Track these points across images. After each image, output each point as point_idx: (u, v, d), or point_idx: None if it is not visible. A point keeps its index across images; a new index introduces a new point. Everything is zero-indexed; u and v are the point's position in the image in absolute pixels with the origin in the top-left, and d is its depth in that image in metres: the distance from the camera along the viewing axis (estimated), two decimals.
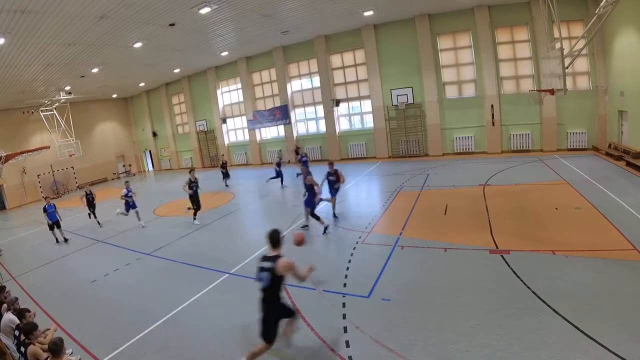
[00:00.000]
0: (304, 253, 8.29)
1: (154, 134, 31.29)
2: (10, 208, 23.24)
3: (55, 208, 12.39)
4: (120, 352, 5.39)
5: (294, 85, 22.74)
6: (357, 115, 21.55)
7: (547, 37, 11.43)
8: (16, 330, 4.96)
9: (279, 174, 16.40)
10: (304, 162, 15.26)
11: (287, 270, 4.25)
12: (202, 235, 10.99)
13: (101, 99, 28.84)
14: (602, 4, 8.80)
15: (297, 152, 18.95)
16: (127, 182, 13.73)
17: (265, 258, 4.41)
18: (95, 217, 14.28)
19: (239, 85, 24.71)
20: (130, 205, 12.86)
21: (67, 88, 21.01)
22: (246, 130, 25.35)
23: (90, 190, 14.41)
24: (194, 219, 12.09)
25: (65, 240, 12.37)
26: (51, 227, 12.34)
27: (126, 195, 12.82)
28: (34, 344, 4.53)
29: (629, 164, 12.29)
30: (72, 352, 5.49)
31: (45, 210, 12.24)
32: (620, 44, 13.24)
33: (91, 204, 14.25)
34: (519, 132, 17.04)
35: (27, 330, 4.60)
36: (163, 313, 6.35)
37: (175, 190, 20.36)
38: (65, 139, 23.94)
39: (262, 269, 4.37)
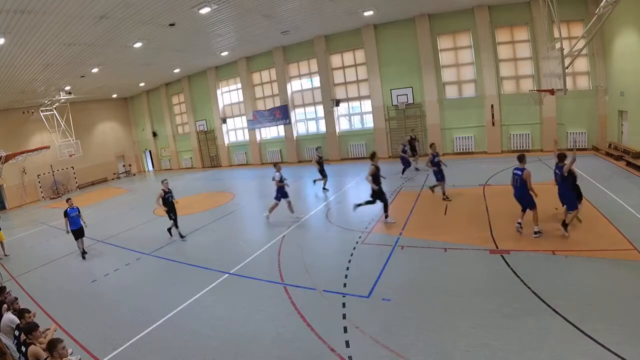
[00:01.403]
0: (304, 253, 8.32)
1: (154, 134, 31.29)
2: (10, 208, 23.25)
3: (79, 212, 10.28)
4: (120, 352, 5.39)
5: (294, 85, 22.73)
6: (357, 115, 21.56)
7: (547, 37, 11.43)
8: (16, 330, 4.96)
9: (406, 163, 14.81)
10: (435, 164, 11.01)
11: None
12: (202, 235, 10.98)
13: (101, 99, 28.84)
14: (602, 4, 8.80)
15: (411, 142, 15.63)
16: (277, 164, 11.12)
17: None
18: (176, 226, 10.66)
19: (239, 85, 24.71)
20: (282, 193, 10.77)
21: (67, 88, 21.01)
22: (246, 130, 25.35)
23: (169, 188, 10.55)
24: (386, 217, 9.54)
25: (84, 254, 10.32)
26: (76, 236, 10.25)
27: (280, 180, 10.64)
28: (35, 344, 4.53)
29: (629, 164, 12.28)
30: (72, 352, 5.49)
31: (66, 214, 10.08)
32: (620, 44, 13.24)
33: (172, 208, 10.43)
34: (519, 132, 17.04)
35: (27, 330, 4.60)
36: (163, 313, 6.35)
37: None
38: (65, 139, 23.92)
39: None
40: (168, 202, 10.39)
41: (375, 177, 9.18)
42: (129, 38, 14.18)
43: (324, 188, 14.28)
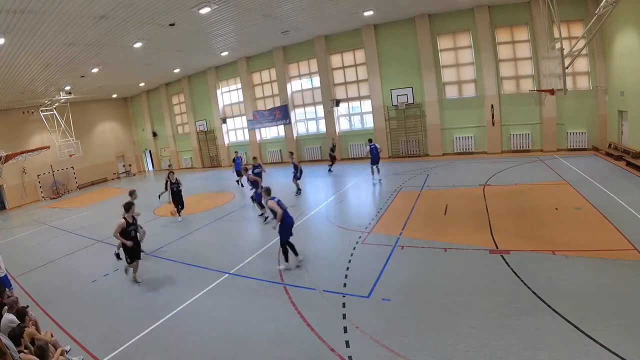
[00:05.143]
0: (304, 253, 8.32)
1: (154, 134, 31.29)
2: (10, 208, 23.24)
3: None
4: (120, 352, 5.39)
5: (294, 85, 22.74)
6: (357, 115, 21.56)
7: (547, 37, 11.44)
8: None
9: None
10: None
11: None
12: (202, 235, 10.99)
13: (101, 99, 28.86)
14: (602, 4, 8.79)
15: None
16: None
17: None
18: (180, 210, 12.08)
19: (239, 85, 24.71)
20: None
21: (67, 88, 21.01)
22: (246, 130, 25.36)
23: (175, 178, 11.55)
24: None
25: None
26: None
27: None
28: (24, 352, 4.51)
29: (629, 164, 12.28)
30: (70, 349, 5.50)
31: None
32: (620, 44, 13.24)
33: (178, 198, 11.74)
34: (519, 132, 17.03)
35: (13, 336, 4.55)
36: (163, 313, 6.35)
37: None
38: (65, 139, 23.93)
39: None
40: (174, 192, 11.54)
41: None
42: (129, 38, 14.17)
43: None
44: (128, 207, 7.61)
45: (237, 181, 17.71)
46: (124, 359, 5.27)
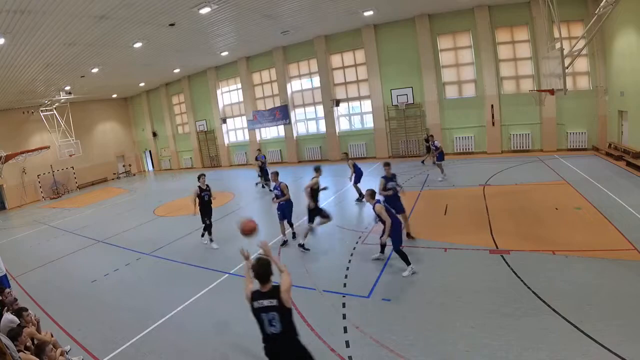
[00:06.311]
0: (304, 253, 8.32)
1: (154, 134, 31.28)
2: (10, 208, 23.24)
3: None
4: (120, 352, 5.39)
5: (294, 85, 22.74)
6: (357, 115, 21.56)
7: (547, 37, 11.44)
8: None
9: None
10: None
11: None
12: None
13: (101, 99, 28.85)
14: (602, 4, 8.80)
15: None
16: None
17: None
18: (209, 232, 9.57)
19: (239, 85, 24.71)
20: None
21: (67, 88, 21.02)
22: (246, 130, 25.35)
23: (207, 185, 9.26)
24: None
25: None
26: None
27: None
28: (23, 352, 4.51)
29: (629, 164, 12.28)
30: (70, 349, 5.50)
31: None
32: (620, 44, 13.24)
33: (207, 208, 9.27)
34: (519, 132, 17.03)
35: (12, 336, 4.54)
36: (163, 313, 6.35)
37: (175, 190, 20.39)
38: (65, 139, 23.96)
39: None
40: (204, 201, 9.18)
41: None
42: (129, 38, 14.17)
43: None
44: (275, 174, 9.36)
45: (261, 184, 16.45)
46: (124, 359, 5.27)
